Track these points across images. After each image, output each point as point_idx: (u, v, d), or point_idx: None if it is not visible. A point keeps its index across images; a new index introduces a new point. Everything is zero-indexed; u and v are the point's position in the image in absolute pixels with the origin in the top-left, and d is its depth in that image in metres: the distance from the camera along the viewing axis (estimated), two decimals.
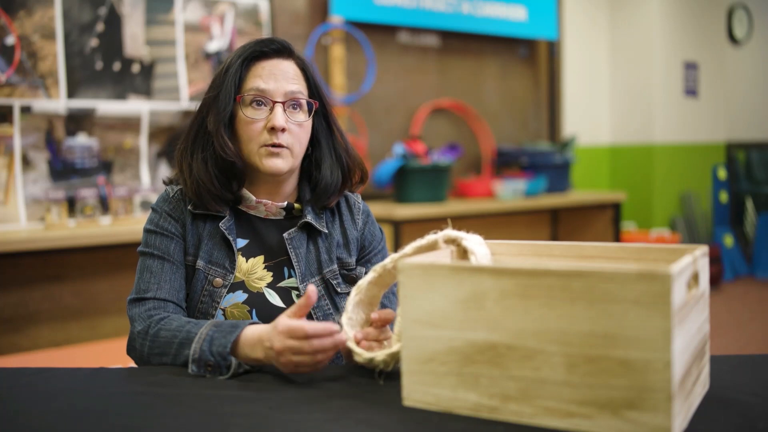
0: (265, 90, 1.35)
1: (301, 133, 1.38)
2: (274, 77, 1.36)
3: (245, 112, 1.36)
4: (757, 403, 0.97)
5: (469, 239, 1.14)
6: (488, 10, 4.57)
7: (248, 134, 1.36)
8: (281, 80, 1.36)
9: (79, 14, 3.04)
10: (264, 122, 1.35)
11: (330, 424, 0.93)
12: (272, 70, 1.37)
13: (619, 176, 5.67)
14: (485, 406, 0.93)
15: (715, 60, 5.94)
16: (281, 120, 1.34)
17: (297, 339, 1.09)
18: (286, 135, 1.35)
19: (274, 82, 1.36)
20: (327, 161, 1.44)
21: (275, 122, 1.34)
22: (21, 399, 1.08)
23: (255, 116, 1.36)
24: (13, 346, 2.91)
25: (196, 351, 1.17)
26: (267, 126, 1.35)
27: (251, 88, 1.36)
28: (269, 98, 1.35)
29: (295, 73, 1.39)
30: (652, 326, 0.82)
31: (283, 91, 1.36)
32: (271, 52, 1.38)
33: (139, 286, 1.34)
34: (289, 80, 1.37)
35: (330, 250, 1.43)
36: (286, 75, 1.37)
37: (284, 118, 1.35)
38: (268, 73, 1.36)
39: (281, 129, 1.34)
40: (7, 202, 2.88)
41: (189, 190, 1.37)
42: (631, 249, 1.08)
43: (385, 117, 4.29)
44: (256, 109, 1.36)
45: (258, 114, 1.36)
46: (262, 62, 1.38)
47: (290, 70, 1.38)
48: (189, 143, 1.40)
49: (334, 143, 1.46)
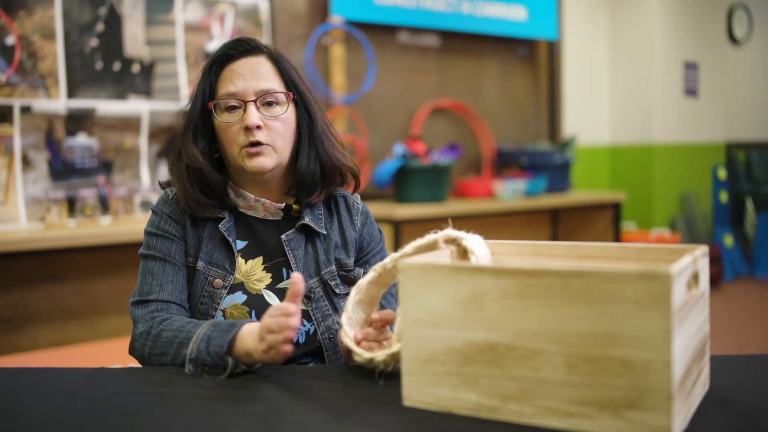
0: (235, 93, 1.35)
1: (281, 128, 1.37)
2: (243, 78, 1.36)
3: (221, 117, 1.36)
4: (757, 403, 0.97)
5: (469, 239, 1.14)
6: (488, 10, 4.57)
7: (228, 138, 1.36)
8: (250, 79, 1.36)
9: (79, 14, 3.04)
10: (240, 124, 1.35)
11: (330, 424, 0.93)
12: (240, 71, 1.36)
13: (619, 176, 5.67)
14: (485, 406, 0.93)
15: (715, 60, 5.94)
16: (254, 118, 1.34)
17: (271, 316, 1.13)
18: (263, 132, 1.35)
19: (243, 82, 1.35)
20: (305, 150, 1.42)
21: (248, 121, 1.33)
22: (21, 399, 1.08)
23: (230, 120, 1.36)
24: (13, 346, 2.91)
25: (193, 351, 1.17)
26: (242, 126, 1.35)
27: (223, 93, 1.36)
28: (241, 99, 1.35)
29: (267, 70, 1.38)
30: (652, 326, 0.82)
31: (254, 90, 1.35)
32: (238, 54, 1.38)
33: (142, 288, 1.34)
34: (260, 78, 1.36)
35: (328, 251, 1.43)
36: (255, 73, 1.36)
37: (258, 116, 1.34)
38: (237, 75, 1.36)
39: (255, 126, 1.34)
40: (7, 202, 2.88)
41: (181, 200, 1.39)
42: (631, 249, 1.08)
43: (385, 117, 4.29)
44: (230, 113, 1.36)
45: (233, 117, 1.36)
46: (232, 65, 1.38)
47: (261, 68, 1.38)
48: (176, 153, 1.41)
49: (311, 132, 1.43)
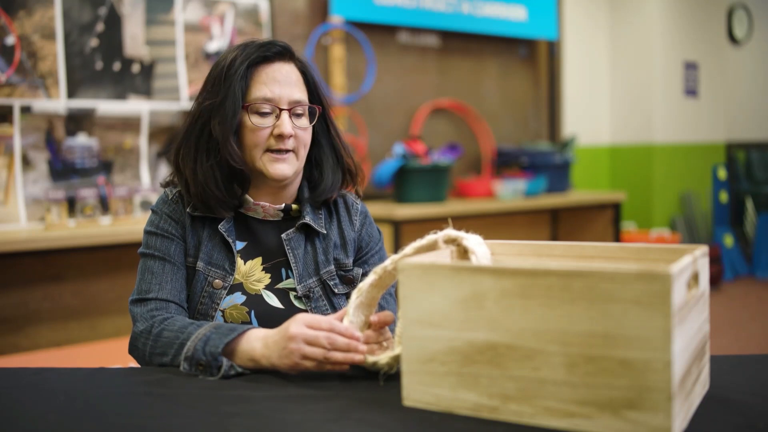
0: (271, 98, 1.36)
1: (305, 137, 1.40)
2: (279, 84, 1.36)
3: (252, 119, 1.36)
4: (756, 403, 0.97)
5: (470, 239, 1.14)
6: (488, 10, 4.57)
7: (254, 141, 1.36)
8: (285, 87, 1.37)
9: (79, 14, 3.04)
10: (270, 129, 1.36)
11: (330, 424, 0.93)
12: (276, 77, 1.37)
13: (619, 176, 5.67)
14: (485, 406, 0.93)
15: (715, 60, 5.94)
16: (289, 128, 1.35)
17: (316, 329, 1.10)
18: (291, 140, 1.37)
19: (279, 89, 1.36)
20: (329, 161, 1.46)
21: (283, 130, 1.34)
22: (21, 399, 1.08)
23: (262, 124, 1.36)
24: (13, 346, 2.91)
25: (189, 349, 1.17)
26: (274, 133, 1.36)
27: (258, 96, 1.36)
28: (276, 106, 1.36)
29: (297, 79, 1.40)
30: (652, 326, 0.82)
31: (288, 99, 1.37)
32: (273, 56, 1.38)
33: (141, 287, 1.34)
34: (292, 86, 1.38)
35: (327, 251, 1.44)
36: (289, 81, 1.38)
37: (291, 125, 1.36)
38: (272, 79, 1.37)
39: (289, 136, 1.35)
40: (7, 202, 2.88)
41: (194, 197, 1.37)
42: (631, 249, 1.08)
43: (385, 117, 4.29)
44: (262, 116, 1.36)
45: (265, 122, 1.36)
46: (265, 67, 1.37)
47: (293, 76, 1.39)
48: (191, 149, 1.38)
49: (333, 143, 1.47)
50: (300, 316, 1.14)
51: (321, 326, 1.11)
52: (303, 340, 1.10)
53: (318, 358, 1.10)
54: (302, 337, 1.10)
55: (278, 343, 1.13)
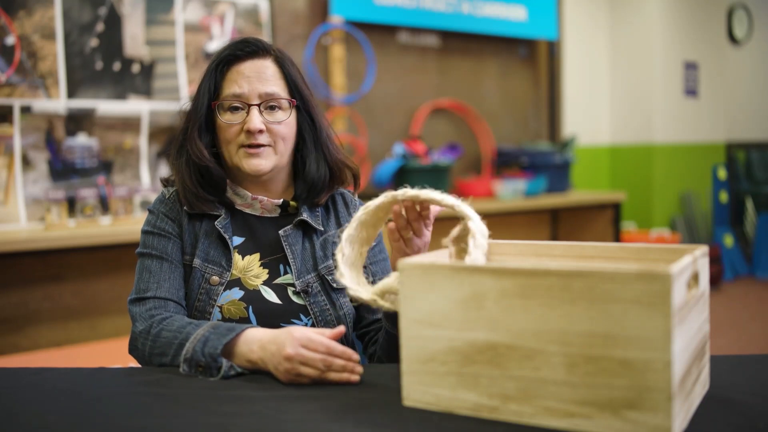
0: (240, 94, 1.37)
1: (283, 131, 1.40)
2: (248, 80, 1.37)
3: (223, 117, 1.38)
4: (756, 403, 0.97)
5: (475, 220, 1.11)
6: (488, 10, 4.57)
7: (226, 137, 1.39)
8: (256, 82, 1.37)
9: (79, 14, 3.04)
10: (241, 125, 1.37)
11: (330, 424, 0.93)
12: (246, 73, 1.38)
13: (619, 176, 5.67)
14: (485, 406, 0.93)
15: (715, 60, 5.94)
16: (256, 123, 1.36)
17: (313, 351, 1.10)
18: (264, 135, 1.37)
19: (248, 85, 1.37)
20: (312, 155, 1.45)
21: (250, 126, 1.36)
22: (21, 399, 1.08)
23: (231, 120, 1.38)
24: (13, 346, 2.91)
25: (188, 351, 1.17)
26: (243, 129, 1.37)
27: (228, 94, 1.38)
28: (245, 102, 1.37)
29: (272, 73, 1.40)
30: (652, 326, 0.82)
31: (258, 93, 1.37)
32: (245, 54, 1.39)
33: (139, 286, 1.35)
34: (265, 81, 1.38)
35: (325, 247, 1.44)
36: (261, 76, 1.38)
37: (260, 120, 1.36)
38: (242, 76, 1.38)
39: (257, 131, 1.36)
40: (7, 202, 2.88)
41: (179, 194, 1.41)
42: (631, 249, 1.08)
43: (385, 117, 4.28)
44: (233, 113, 1.38)
45: (235, 118, 1.38)
46: (238, 66, 1.39)
47: (266, 71, 1.39)
48: (177, 148, 1.43)
49: (317, 137, 1.45)
50: (296, 333, 1.12)
51: (317, 348, 1.11)
52: (299, 362, 1.10)
53: (314, 377, 1.11)
54: (299, 359, 1.10)
55: (275, 356, 1.13)
